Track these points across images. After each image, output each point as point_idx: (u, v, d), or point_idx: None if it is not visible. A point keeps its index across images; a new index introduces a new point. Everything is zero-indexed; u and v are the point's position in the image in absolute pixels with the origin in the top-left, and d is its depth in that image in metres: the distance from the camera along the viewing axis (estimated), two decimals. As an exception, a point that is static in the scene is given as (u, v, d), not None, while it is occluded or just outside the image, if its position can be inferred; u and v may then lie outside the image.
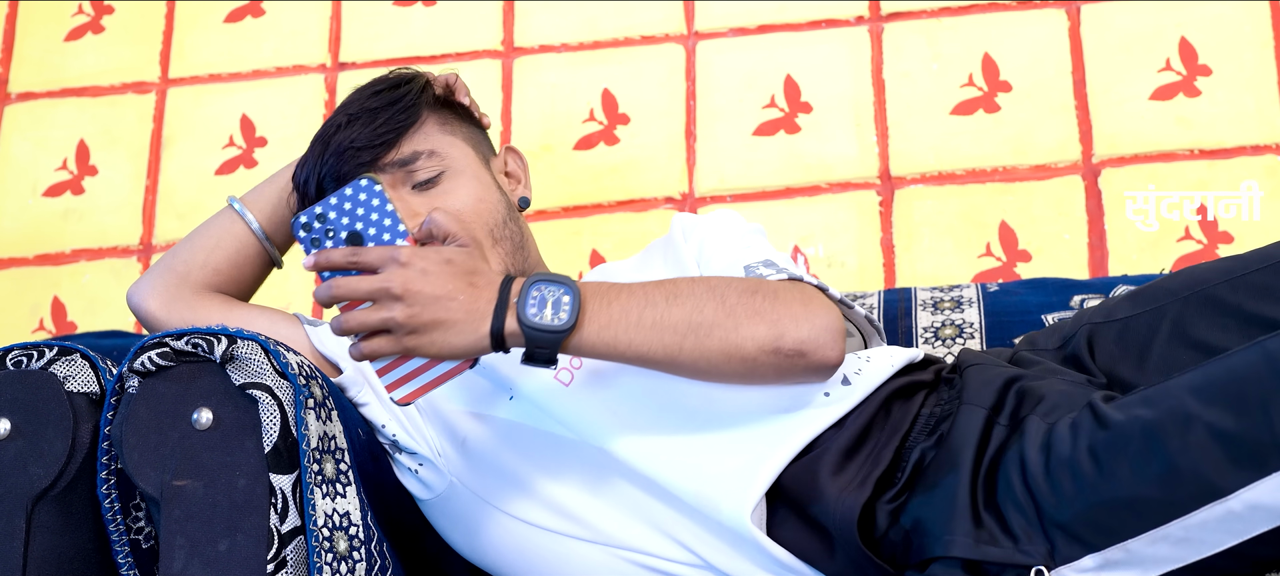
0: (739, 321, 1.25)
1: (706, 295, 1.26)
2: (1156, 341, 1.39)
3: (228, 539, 1.27)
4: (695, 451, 1.33)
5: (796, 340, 1.25)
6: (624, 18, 2.42)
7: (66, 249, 2.42)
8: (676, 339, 1.25)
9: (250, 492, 1.28)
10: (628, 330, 1.24)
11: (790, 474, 1.30)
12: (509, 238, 1.52)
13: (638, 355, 1.25)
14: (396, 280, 1.21)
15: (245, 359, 1.31)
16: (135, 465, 1.29)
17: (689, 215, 1.55)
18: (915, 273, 2.20)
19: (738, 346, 1.25)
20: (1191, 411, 1.15)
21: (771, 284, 1.29)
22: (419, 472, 1.48)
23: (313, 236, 1.25)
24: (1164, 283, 1.42)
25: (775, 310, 1.26)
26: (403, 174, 1.49)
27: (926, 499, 1.27)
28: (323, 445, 1.34)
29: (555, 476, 1.40)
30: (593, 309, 1.24)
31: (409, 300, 1.20)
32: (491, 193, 1.53)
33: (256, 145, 2.44)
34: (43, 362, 1.36)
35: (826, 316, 1.27)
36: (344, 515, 1.34)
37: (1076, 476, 1.19)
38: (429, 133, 1.52)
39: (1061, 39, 2.29)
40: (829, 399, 1.34)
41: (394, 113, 1.51)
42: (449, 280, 1.22)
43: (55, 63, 2.55)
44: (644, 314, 1.24)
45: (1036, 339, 1.49)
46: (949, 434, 1.30)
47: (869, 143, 2.28)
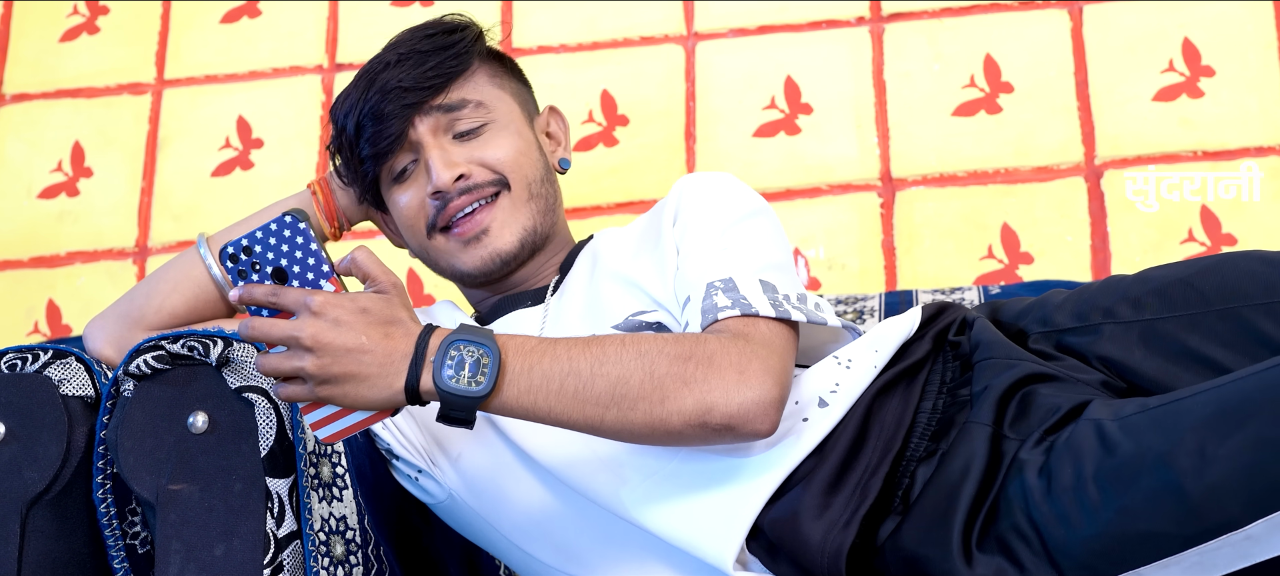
0: (666, 393, 1.20)
1: (635, 363, 1.21)
2: (1182, 351, 1.31)
3: (224, 543, 1.26)
4: (675, 491, 1.30)
5: (725, 415, 1.21)
6: (623, 18, 2.42)
7: (61, 251, 2.41)
8: (598, 411, 1.21)
9: (246, 496, 1.28)
10: (548, 398, 1.20)
11: (772, 519, 1.27)
12: (544, 197, 1.53)
13: (558, 422, 1.22)
14: (307, 330, 1.17)
15: (241, 362, 1.31)
16: (131, 469, 1.29)
17: (689, 185, 1.48)
18: (917, 275, 2.20)
19: (662, 420, 1.21)
20: (1206, 444, 1.11)
21: (709, 345, 1.23)
22: (418, 481, 1.48)
23: (239, 267, 1.22)
24: (1195, 282, 1.33)
25: (707, 381, 1.21)
26: (447, 120, 1.49)
27: (926, 531, 1.23)
28: (319, 448, 1.34)
29: (544, 510, 1.40)
30: (514, 371, 1.20)
31: (319, 351, 1.17)
32: (533, 150, 1.53)
33: (253, 147, 2.43)
34: (37, 366, 1.36)
35: (761, 387, 1.21)
36: (341, 519, 1.34)
37: (1083, 505, 1.16)
38: (479, 83, 1.52)
39: (1064, 39, 2.29)
40: (807, 424, 1.30)
41: (445, 58, 1.50)
42: (362, 331, 1.18)
43: (50, 63, 2.55)
44: (566, 382, 1.20)
45: (1051, 312, 1.40)
46: (949, 455, 1.26)
47: (870, 144, 2.28)
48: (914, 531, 1.25)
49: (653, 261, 1.44)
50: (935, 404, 1.34)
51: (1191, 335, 1.30)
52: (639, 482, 1.32)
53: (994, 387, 1.30)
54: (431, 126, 1.48)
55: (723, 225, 1.41)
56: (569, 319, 1.47)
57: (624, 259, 1.47)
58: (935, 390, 1.35)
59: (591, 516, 1.36)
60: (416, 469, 1.47)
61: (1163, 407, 1.17)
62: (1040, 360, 1.34)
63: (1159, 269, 1.39)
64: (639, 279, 1.43)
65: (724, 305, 1.31)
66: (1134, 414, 1.19)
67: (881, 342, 1.37)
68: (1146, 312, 1.34)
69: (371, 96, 1.48)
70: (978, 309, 1.45)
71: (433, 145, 1.48)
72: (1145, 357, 1.32)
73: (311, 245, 1.22)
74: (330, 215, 1.58)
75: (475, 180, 1.49)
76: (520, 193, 1.51)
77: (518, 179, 1.51)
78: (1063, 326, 1.38)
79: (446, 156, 1.48)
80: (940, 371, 1.37)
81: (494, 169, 1.50)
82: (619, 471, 1.33)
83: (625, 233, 1.54)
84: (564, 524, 1.39)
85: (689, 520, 1.29)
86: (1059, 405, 1.26)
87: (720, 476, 1.30)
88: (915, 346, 1.39)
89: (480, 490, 1.43)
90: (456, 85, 1.50)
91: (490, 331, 1.20)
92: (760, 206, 1.46)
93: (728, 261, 1.37)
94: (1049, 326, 1.39)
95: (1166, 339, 1.32)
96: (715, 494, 1.29)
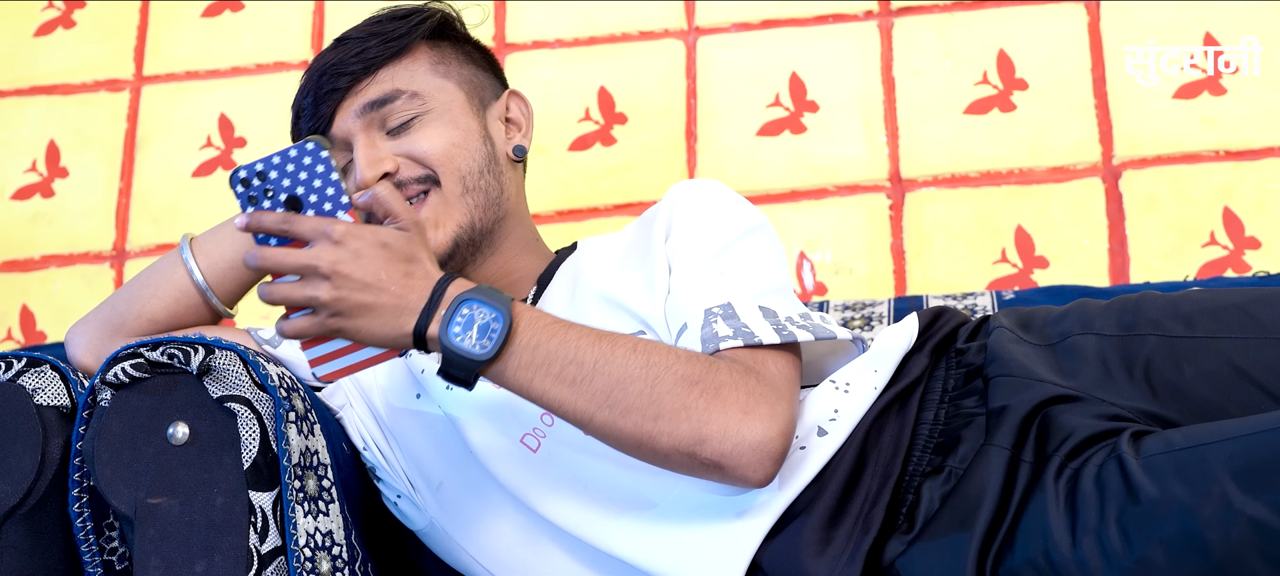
0: (661, 412, 1.20)
1: (640, 371, 1.21)
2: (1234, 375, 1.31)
3: (205, 560, 1.27)
4: (667, 526, 1.30)
5: (717, 454, 1.20)
6: (621, 12, 2.43)
7: (35, 255, 2.42)
8: (591, 407, 1.21)
9: (228, 511, 1.28)
10: (546, 379, 1.21)
11: (771, 555, 1.26)
12: (482, 190, 1.49)
13: (549, 406, 1.22)
14: (326, 258, 1.19)
15: (223, 370, 1.31)
16: (108, 482, 1.29)
17: (683, 194, 1.47)
18: (927, 280, 2.20)
19: (650, 437, 1.21)
20: (1232, 499, 1.12)
21: (721, 375, 1.22)
22: (399, 504, 1.48)
23: (250, 193, 1.22)
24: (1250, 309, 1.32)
25: (708, 413, 1.20)
26: (380, 115, 1.46)
27: (938, 558, 1.23)
28: (305, 461, 1.34)
29: (527, 546, 1.39)
30: (519, 344, 1.21)
31: (336, 282, 1.19)
32: (473, 139, 1.50)
33: (235, 146, 2.44)
34: (11, 375, 1.36)
35: (763, 432, 1.20)
36: (327, 534, 1.34)
37: (1105, 552, 1.16)
38: (416, 71, 1.50)
39: (1080, 34, 2.30)
40: (805, 453, 1.30)
41: (377, 43, 1.49)
42: (382, 266, 1.20)
43: (24, 59, 2.55)
44: (567, 369, 1.21)
45: (1093, 317, 1.39)
46: (965, 479, 1.26)
47: (878, 143, 2.28)
48: (926, 557, 1.25)
49: (641, 277, 1.43)
50: (937, 414, 1.34)
51: (1244, 360, 1.30)
52: (629, 517, 1.31)
53: (1014, 409, 1.29)
54: (363, 122, 1.47)
55: (718, 246, 1.40)
56: None
57: (609, 275, 1.46)
58: (936, 400, 1.35)
59: (578, 554, 1.36)
60: (397, 492, 1.47)
61: (1190, 450, 1.17)
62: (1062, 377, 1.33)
63: (1206, 291, 1.39)
64: (625, 298, 1.42)
65: (726, 334, 1.29)
66: (1160, 453, 1.19)
67: (880, 361, 1.37)
68: (1198, 331, 1.33)
69: (310, 79, 1.49)
70: (1000, 314, 1.44)
71: (362, 141, 1.46)
72: (1194, 377, 1.31)
73: (332, 175, 1.22)
74: None
75: (402, 176, 1.46)
76: (452, 187, 1.47)
77: (449, 172, 1.47)
78: (1106, 332, 1.36)
79: (373, 153, 1.45)
80: (941, 380, 1.37)
81: (423, 162, 1.47)
82: (609, 505, 1.33)
83: (612, 243, 1.52)
84: (549, 560, 1.38)
85: (682, 557, 1.28)
86: (1082, 431, 1.26)
87: (715, 510, 1.29)
88: (913, 361, 1.38)
89: (461, 520, 1.43)
90: (386, 72, 1.48)
91: (509, 298, 1.21)
92: (757, 222, 1.44)
93: (725, 286, 1.35)
94: (1090, 331, 1.37)
95: (1218, 359, 1.31)
96: (710, 529, 1.28)
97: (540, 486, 1.35)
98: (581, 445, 1.35)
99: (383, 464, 1.47)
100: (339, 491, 1.38)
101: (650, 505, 1.31)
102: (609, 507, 1.32)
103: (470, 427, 1.40)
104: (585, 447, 1.34)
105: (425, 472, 1.45)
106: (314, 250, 1.20)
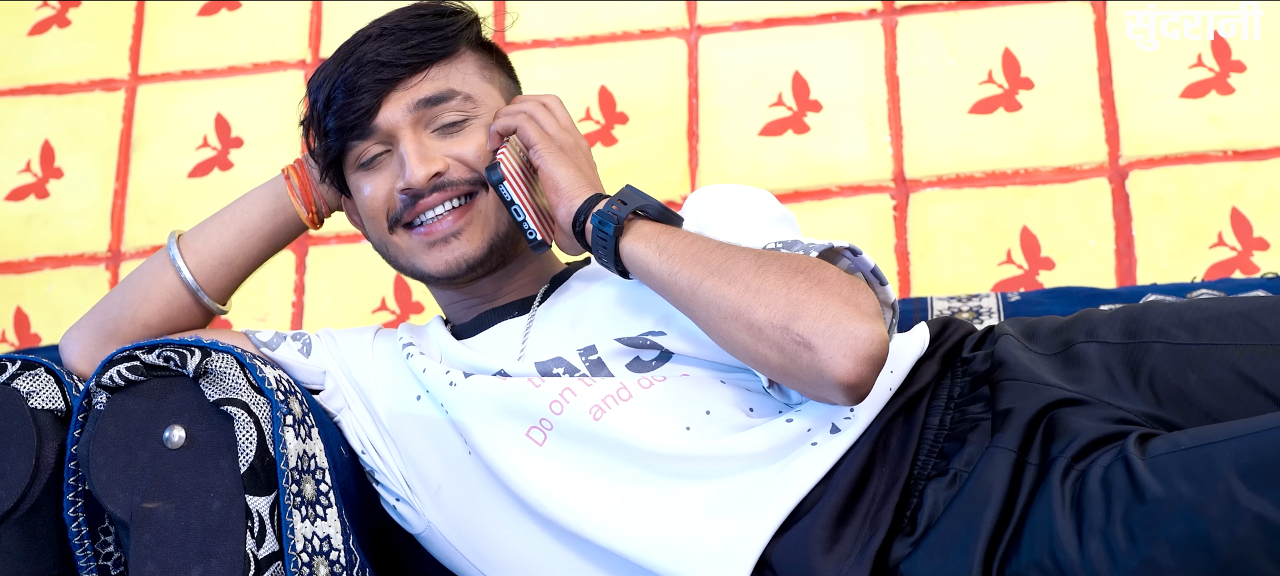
0: (764, 286, 1.24)
1: (750, 258, 1.28)
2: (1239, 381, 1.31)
3: (201, 565, 1.27)
4: (674, 526, 1.30)
5: (811, 331, 1.21)
6: (622, 11, 2.43)
7: (30, 256, 2.42)
8: (702, 273, 1.28)
9: (225, 515, 1.28)
10: (662, 249, 1.31)
11: (779, 551, 1.27)
12: None
13: (663, 273, 1.31)
14: (560, 110, 1.46)
15: (220, 373, 1.31)
16: (103, 486, 1.29)
17: (710, 195, 1.50)
18: (932, 281, 2.20)
19: (749, 307, 1.24)
20: (1238, 496, 1.12)
21: (826, 270, 1.25)
22: (397, 508, 1.48)
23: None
24: (1255, 316, 1.34)
25: (810, 293, 1.23)
26: (430, 114, 1.47)
27: (944, 560, 1.24)
28: (302, 465, 1.34)
29: (527, 549, 1.39)
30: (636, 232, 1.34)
31: (564, 127, 1.45)
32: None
33: (232, 146, 2.44)
34: (5, 377, 1.36)
35: (863, 329, 1.20)
36: (324, 539, 1.34)
37: (1111, 552, 1.17)
38: (467, 73, 1.51)
39: (1086, 33, 2.30)
40: (816, 448, 1.31)
41: (430, 38, 1.49)
42: (585, 155, 1.47)
43: (18, 59, 2.56)
44: (687, 242, 1.31)
45: (1098, 325, 1.40)
46: (970, 481, 1.27)
47: (882, 143, 2.29)
48: (931, 559, 1.25)
49: None
50: (942, 419, 1.35)
51: (1250, 367, 1.31)
52: (636, 511, 1.32)
53: (1021, 411, 1.30)
54: (412, 119, 1.47)
55: (762, 223, 1.44)
56: (557, 327, 1.47)
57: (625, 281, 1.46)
58: (942, 405, 1.36)
59: (580, 554, 1.36)
60: (396, 495, 1.47)
61: (1196, 449, 1.18)
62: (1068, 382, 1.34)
63: (1211, 298, 1.39)
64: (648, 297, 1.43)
65: (814, 245, 1.34)
66: (1166, 453, 1.19)
67: (895, 363, 1.38)
68: (1204, 338, 1.34)
69: (347, 68, 1.48)
70: (1006, 324, 1.45)
71: (410, 138, 1.46)
72: (1199, 383, 1.32)
73: None
74: (308, 201, 1.57)
75: (451, 177, 1.47)
76: (493, 197, 1.48)
77: None
78: (1111, 340, 1.37)
79: (423, 151, 1.46)
80: (948, 386, 1.38)
81: (473, 167, 1.48)
82: (614, 499, 1.33)
83: None
84: (549, 563, 1.38)
85: (689, 553, 1.28)
86: (1088, 433, 1.26)
87: (723, 505, 1.29)
88: (924, 367, 1.39)
89: (460, 525, 1.43)
90: (440, 70, 1.49)
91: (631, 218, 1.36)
92: (789, 213, 1.49)
93: (782, 239, 1.39)
94: (1095, 339, 1.38)
95: (1223, 366, 1.32)
96: (718, 524, 1.28)
97: (545, 481, 1.35)
98: (588, 437, 1.35)
99: (381, 467, 1.47)
100: (337, 495, 1.38)
101: (657, 498, 1.31)
102: (615, 501, 1.32)
103: (475, 424, 1.40)
104: (591, 440, 1.34)
105: (424, 475, 1.45)
106: (551, 98, 1.48)
